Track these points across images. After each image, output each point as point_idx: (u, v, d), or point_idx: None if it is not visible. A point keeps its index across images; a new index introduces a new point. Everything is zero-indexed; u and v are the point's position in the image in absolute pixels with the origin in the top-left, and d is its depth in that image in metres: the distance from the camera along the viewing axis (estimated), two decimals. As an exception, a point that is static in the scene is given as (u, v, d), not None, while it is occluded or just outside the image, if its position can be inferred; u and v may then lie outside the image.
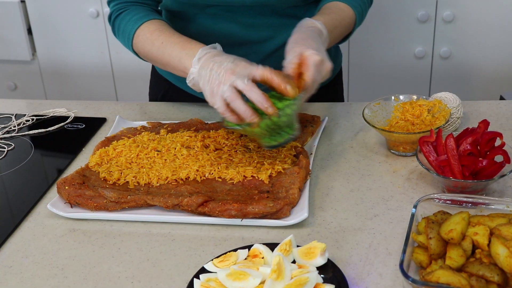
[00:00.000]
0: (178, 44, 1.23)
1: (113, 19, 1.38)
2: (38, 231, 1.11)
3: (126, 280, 0.98)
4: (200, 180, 1.17)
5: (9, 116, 1.54)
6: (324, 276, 0.92)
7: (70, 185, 1.15)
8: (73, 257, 1.04)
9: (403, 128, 1.24)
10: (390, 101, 1.32)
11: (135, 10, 1.35)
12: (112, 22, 1.39)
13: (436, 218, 0.94)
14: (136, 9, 1.35)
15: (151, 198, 1.11)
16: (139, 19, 1.32)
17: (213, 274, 0.94)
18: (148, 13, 1.34)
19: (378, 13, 2.47)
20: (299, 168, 1.15)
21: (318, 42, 1.14)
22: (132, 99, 2.77)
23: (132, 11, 1.35)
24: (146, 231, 1.09)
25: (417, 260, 0.91)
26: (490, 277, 0.83)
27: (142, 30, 1.31)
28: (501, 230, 0.87)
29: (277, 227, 1.07)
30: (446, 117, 1.23)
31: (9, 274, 1.01)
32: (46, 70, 2.88)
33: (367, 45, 2.55)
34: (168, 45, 1.24)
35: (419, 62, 2.53)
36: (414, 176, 1.18)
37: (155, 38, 1.27)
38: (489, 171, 1.06)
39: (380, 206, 1.10)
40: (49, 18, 2.75)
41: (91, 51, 2.79)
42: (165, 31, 1.28)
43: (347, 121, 1.40)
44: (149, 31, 1.29)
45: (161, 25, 1.30)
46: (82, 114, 1.54)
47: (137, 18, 1.33)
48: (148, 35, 1.29)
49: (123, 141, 1.28)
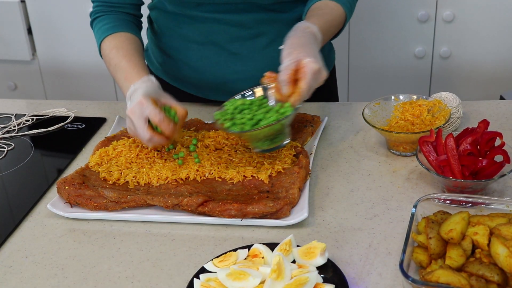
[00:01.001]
0: (124, 71, 1.28)
1: (91, 21, 1.43)
2: (38, 231, 1.11)
3: (126, 280, 0.98)
4: (200, 180, 1.17)
5: (9, 116, 1.54)
6: (324, 276, 0.92)
7: (70, 185, 1.15)
8: (73, 257, 1.04)
9: (403, 128, 1.24)
10: (390, 101, 1.32)
11: (108, 18, 1.38)
12: (90, 22, 1.43)
13: (436, 218, 0.94)
14: (108, 18, 1.39)
15: (151, 198, 1.11)
16: (105, 31, 1.36)
17: (213, 274, 0.94)
18: (117, 24, 1.37)
19: (378, 13, 2.47)
20: (299, 168, 1.15)
21: (314, 48, 1.15)
22: (132, 99, 2.76)
23: (105, 19, 1.39)
24: (146, 231, 1.09)
25: (417, 260, 0.91)
26: (490, 277, 0.83)
27: (105, 43, 1.36)
28: (501, 230, 0.87)
29: (277, 227, 1.07)
30: (446, 117, 1.23)
31: (9, 274, 1.01)
32: (46, 70, 2.88)
33: (367, 45, 2.55)
34: (118, 70, 1.30)
35: (419, 62, 2.53)
36: (414, 176, 1.18)
37: (111, 58, 1.32)
38: (489, 171, 1.06)
39: (380, 206, 1.10)
40: (49, 18, 2.75)
41: (91, 51, 2.78)
42: (120, 50, 1.32)
43: (347, 121, 1.40)
44: (109, 48, 1.34)
45: (120, 43, 1.34)
46: (82, 114, 1.54)
47: (104, 29, 1.37)
48: (108, 51, 1.34)
49: (123, 141, 1.28)
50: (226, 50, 1.41)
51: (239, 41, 1.40)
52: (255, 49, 1.42)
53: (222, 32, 1.39)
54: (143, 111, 1.15)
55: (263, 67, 1.43)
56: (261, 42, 1.41)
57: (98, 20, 1.39)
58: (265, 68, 1.42)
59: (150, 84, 1.22)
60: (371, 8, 2.46)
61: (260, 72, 1.43)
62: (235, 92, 1.29)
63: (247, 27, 1.39)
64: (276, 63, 1.46)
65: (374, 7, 2.47)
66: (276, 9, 1.40)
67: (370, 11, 2.47)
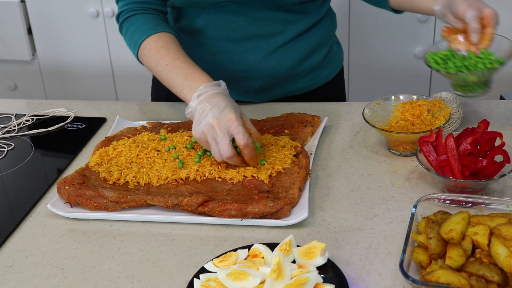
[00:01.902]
0: (182, 71, 1.25)
1: (121, 20, 1.39)
2: (38, 231, 1.11)
3: (126, 280, 0.98)
4: (200, 180, 1.17)
5: (9, 116, 1.54)
6: (324, 276, 0.92)
7: (70, 185, 1.15)
8: (73, 257, 1.04)
9: (403, 128, 1.24)
10: (390, 101, 1.32)
11: (145, 18, 1.35)
12: (120, 22, 1.39)
13: (436, 218, 0.94)
14: (145, 17, 1.35)
15: (151, 198, 1.11)
16: (147, 30, 1.32)
17: (213, 274, 0.94)
18: (157, 24, 1.34)
19: (378, 13, 2.47)
20: (299, 168, 1.15)
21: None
22: (132, 99, 2.77)
23: (141, 18, 1.35)
24: (146, 231, 1.09)
25: (417, 260, 0.91)
26: (490, 277, 0.83)
27: (149, 43, 1.31)
28: (501, 230, 0.87)
29: (277, 227, 1.07)
30: (446, 117, 1.23)
31: (9, 274, 1.01)
32: (46, 70, 2.88)
33: (367, 45, 2.55)
34: (172, 70, 1.26)
35: (419, 62, 2.53)
36: (414, 176, 1.18)
37: (160, 58, 1.28)
38: (489, 171, 1.06)
39: (380, 206, 1.10)
40: (49, 18, 2.75)
41: (91, 51, 2.79)
42: (171, 50, 1.29)
43: (347, 121, 1.40)
44: (155, 48, 1.30)
45: (168, 42, 1.31)
46: (82, 114, 1.54)
47: (146, 28, 1.33)
48: (154, 51, 1.30)
49: (123, 141, 1.28)
50: (240, 47, 1.41)
51: (254, 39, 1.41)
52: (270, 48, 1.42)
53: (238, 28, 1.39)
54: (232, 128, 1.12)
55: (274, 67, 1.44)
56: (276, 42, 1.42)
57: (134, 19, 1.36)
58: (276, 68, 1.44)
59: (228, 97, 1.18)
60: (371, 8, 2.46)
61: (270, 72, 1.44)
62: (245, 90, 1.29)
63: (264, 26, 1.39)
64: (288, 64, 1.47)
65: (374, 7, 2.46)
66: (295, 10, 1.40)
67: (370, 11, 2.47)
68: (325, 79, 1.55)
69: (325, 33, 1.50)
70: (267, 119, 1.38)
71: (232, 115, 1.13)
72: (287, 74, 1.47)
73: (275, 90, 1.50)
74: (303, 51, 1.46)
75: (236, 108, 1.15)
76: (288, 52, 1.43)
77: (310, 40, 1.46)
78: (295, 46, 1.44)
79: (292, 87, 1.51)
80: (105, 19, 2.69)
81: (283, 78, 1.47)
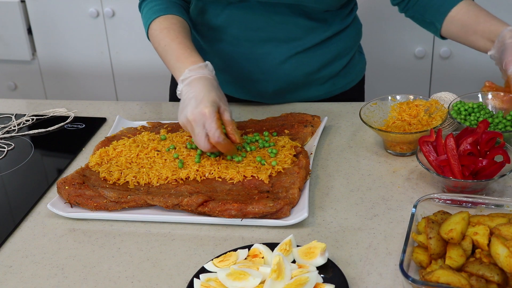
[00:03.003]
0: (175, 52, 1.26)
1: (140, 2, 1.41)
2: (38, 231, 1.11)
3: (126, 280, 0.98)
4: (200, 180, 1.17)
5: (9, 116, 1.54)
6: (324, 276, 0.92)
7: (70, 185, 1.15)
8: (73, 257, 1.04)
9: (399, 128, 1.24)
10: (387, 101, 1.32)
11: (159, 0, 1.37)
12: (139, 4, 1.41)
13: (436, 218, 0.94)
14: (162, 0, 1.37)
15: (151, 198, 1.11)
16: (156, 12, 1.34)
17: (213, 274, 0.94)
18: (168, 6, 1.36)
19: (378, 13, 2.47)
20: (299, 168, 1.15)
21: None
22: (132, 99, 2.77)
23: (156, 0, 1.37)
24: (146, 231, 1.09)
25: (417, 260, 0.91)
26: (490, 277, 0.83)
27: (156, 24, 1.33)
28: (501, 230, 0.87)
29: (277, 227, 1.07)
30: (443, 117, 1.23)
31: (9, 274, 1.01)
32: (46, 70, 2.88)
33: (367, 45, 2.54)
34: (169, 50, 1.27)
35: (419, 62, 2.53)
36: (414, 176, 1.18)
37: (162, 38, 1.30)
38: (489, 171, 1.06)
39: (380, 206, 1.11)
40: (49, 18, 2.75)
41: (91, 51, 2.79)
42: (172, 31, 1.30)
43: (347, 121, 1.40)
44: (159, 28, 1.32)
45: (172, 24, 1.32)
46: (82, 114, 1.54)
47: (156, 10, 1.35)
48: (158, 31, 1.32)
49: (123, 141, 1.28)
50: (259, 48, 1.41)
51: (273, 42, 1.40)
52: (288, 53, 1.41)
53: (259, 29, 1.39)
54: (206, 125, 1.13)
55: (291, 72, 1.43)
56: (295, 48, 1.41)
57: (149, 1, 1.37)
58: (293, 73, 1.43)
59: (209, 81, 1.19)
60: (371, 8, 2.46)
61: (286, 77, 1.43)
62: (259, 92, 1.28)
63: (285, 30, 1.39)
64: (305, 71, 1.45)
65: (374, 7, 2.47)
66: (319, 18, 1.39)
67: (370, 11, 2.47)
68: (341, 88, 1.52)
69: (347, 43, 1.48)
70: (267, 119, 1.38)
71: (206, 110, 1.13)
72: (303, 80, 1.45)
73: (289, 95, 1.49)
74: (322, 59, 1.44)
75: (213, 101, 1.15)
76: (306, 58, 1.42)
77: (330, 49, 1.44)
78: (315, 53, 1.42)
79: (307, 93, 1.49)
80: (105, 19, 2.69)
81: (299, 84, 1.46)
